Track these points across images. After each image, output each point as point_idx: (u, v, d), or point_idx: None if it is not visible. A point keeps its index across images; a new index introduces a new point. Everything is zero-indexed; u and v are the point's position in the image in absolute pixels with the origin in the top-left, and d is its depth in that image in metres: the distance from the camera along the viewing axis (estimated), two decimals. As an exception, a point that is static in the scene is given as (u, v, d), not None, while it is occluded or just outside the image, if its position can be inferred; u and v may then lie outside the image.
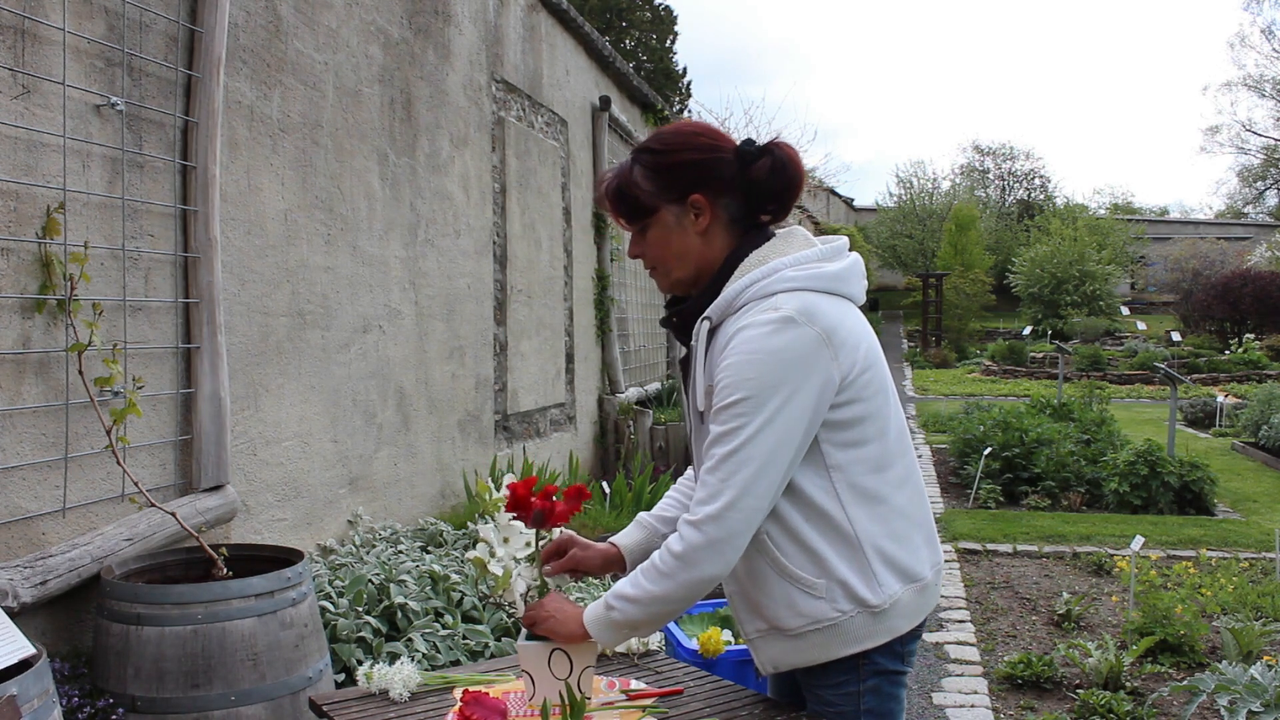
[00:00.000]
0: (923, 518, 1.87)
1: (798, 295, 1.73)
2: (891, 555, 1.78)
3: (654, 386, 9.31)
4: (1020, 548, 6.66)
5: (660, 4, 27.47)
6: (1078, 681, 4.27)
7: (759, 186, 1.82)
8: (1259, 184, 40.52)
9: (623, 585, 1.78)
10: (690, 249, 1.84)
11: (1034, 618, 5.23)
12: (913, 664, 1.89)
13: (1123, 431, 9.85)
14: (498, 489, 2.06)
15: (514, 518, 1.96)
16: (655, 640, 2.33)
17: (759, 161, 1.81)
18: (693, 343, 1.81)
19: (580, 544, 2.00)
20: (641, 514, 2.11)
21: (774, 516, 1.76)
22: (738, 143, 1.84)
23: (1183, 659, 4.45)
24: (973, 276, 26.22)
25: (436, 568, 3.74)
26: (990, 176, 37.11)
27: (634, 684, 2.11)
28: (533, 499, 1.91)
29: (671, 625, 3.46)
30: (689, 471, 2.14)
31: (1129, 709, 3.84)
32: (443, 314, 5.18)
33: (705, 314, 1.79)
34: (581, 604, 1.88)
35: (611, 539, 2.05)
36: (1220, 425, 12.64)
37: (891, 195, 34.17)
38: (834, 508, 1.75)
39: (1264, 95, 38.00)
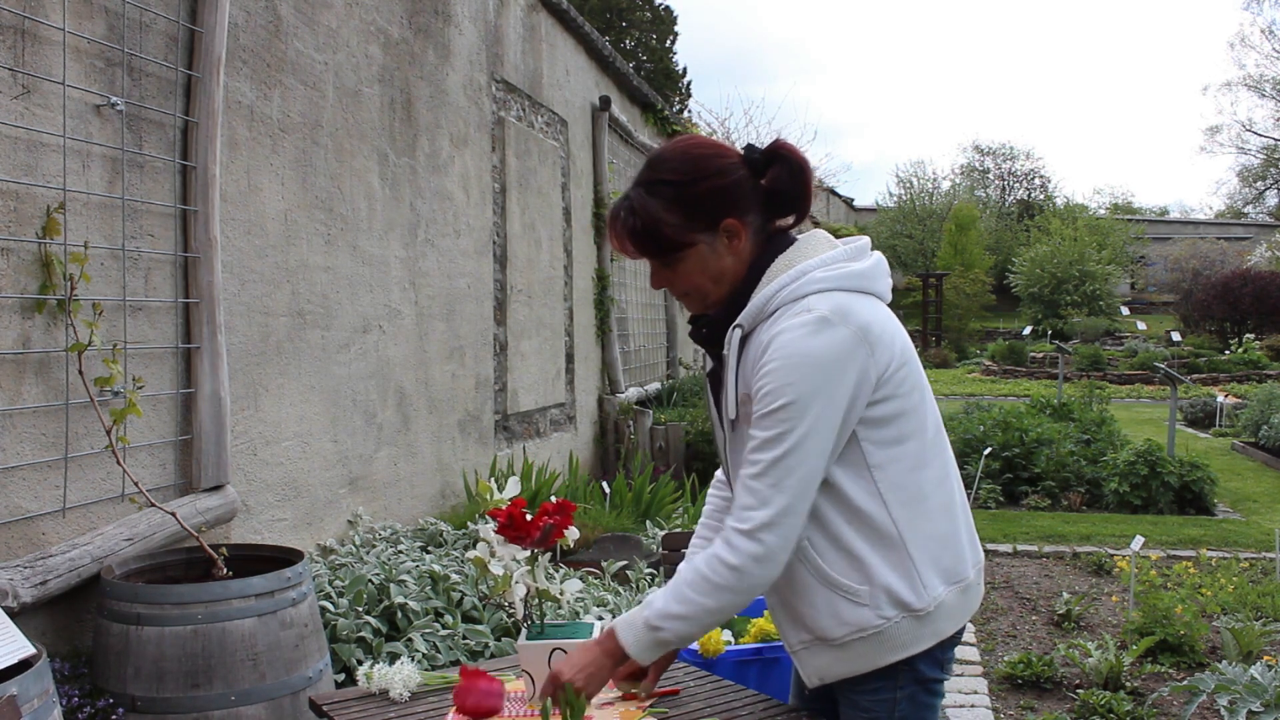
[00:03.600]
0: (964, 515, 1.84)
1: (829, 295, 1.72)
2: (935, 555, 1.75)
3: (654, 386, 9.31)
4: (1020, 548, 6.66)
5: (660, 4, 27.47)
6: (1078, 681, 4.27)
7: (779, 195, 1.80)
8: (1259, 184, 40.51)
9: (667, 603, 1.72)
10: (726, 270, 1.80)
11: (1034, 618, 5.23)
12: (950, 672, 1.87)
13: (1123, 431, 9.85)
14: (499, 489, 2.06)
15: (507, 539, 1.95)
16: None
17: (772, 170, 1.79)
18: (724, 351, 1.78)
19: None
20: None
21: (815, 521, 1.74)
22: (740, 150, 1.81)
23: (1183, 659, 4.44)
24: (973, 276, 26.22)
25: (436, 568, 3.74)
26: (990, 176, 37.12)
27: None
28: (526, 521, 1.90)
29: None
30: (711, 496, 2.10)
31: (1129, 709, 3.84)
32: (443, 314, 5.18)
33: (737, 322, 1.77)
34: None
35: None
36: (1220, 425, 12.63)
37: (891, 195, 34.20)
38: (877, 509, 1.73)
39: (1264, 95, 37.99)
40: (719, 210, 1.77)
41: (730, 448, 1.84)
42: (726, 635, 3.29)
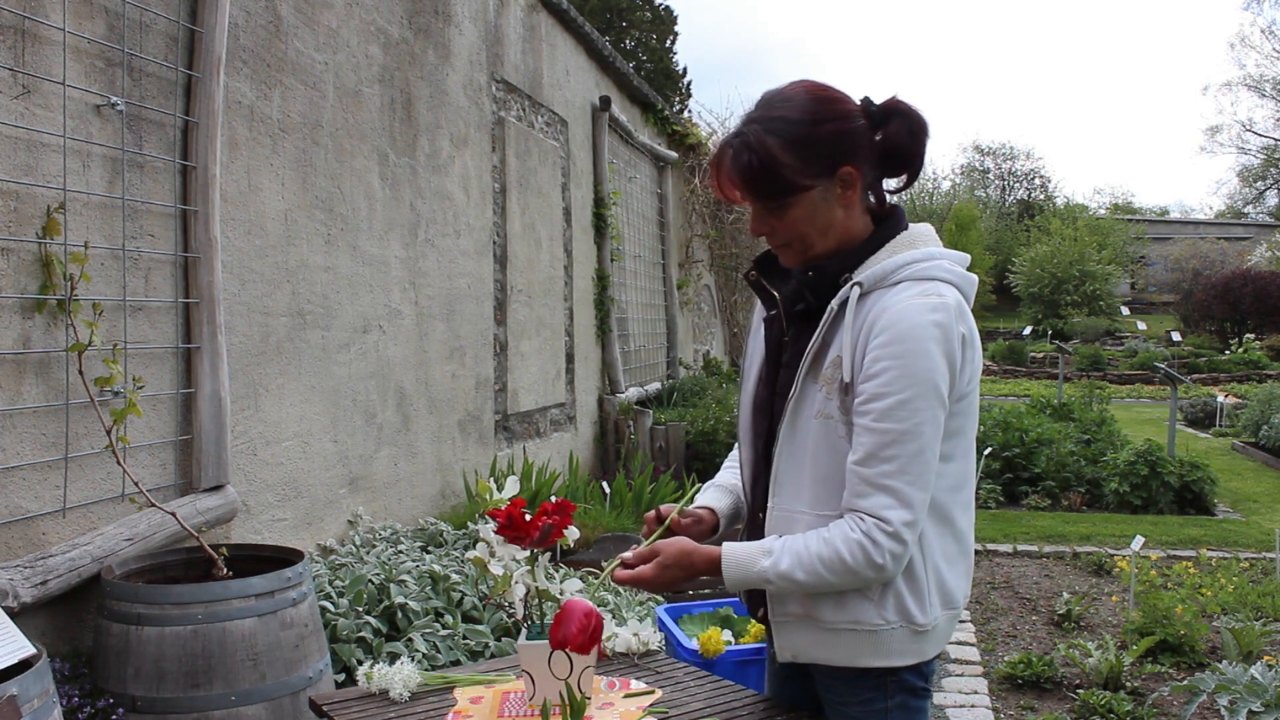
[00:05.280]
0: (971, 547, 1.82)
1: (954, 290, 1.69)
2: (943, 578, 1.74)
3: (654, 386, 9.30)
4: (1020, 548, 6.66)
5: (660, 4, 27.46)
6: (1078, 681, 4.27)
7: (895, 151, 1.73)
8: (1259, 184, 40.52)
9: (793, 569, 1.66)
10: (835, 222, 1.73)
11: (1034, 618, 5.23)
12: (934, 681, 1.87)
13: (1123, 431, 9.86)
14: (499, 489, 2.06)
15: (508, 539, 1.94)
16: (655, 640, 2.33)
17: (892, 124, 1.72)
18: (833, 304, 1.71)
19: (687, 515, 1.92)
20: (725, 478, 2.04)
21: None
22: (857, 101, 1.74)
23: (1183, 659, 4.45)
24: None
25: (436, 568, 3.74)
26: (990, 176, 37.18)
27: (634, 684, 2.11)
28: (526, 521, 1.90)
29: (671, 625, 3.47)
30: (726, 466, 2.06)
31: (1129, 709, 3.84)
32: (443, 314, 5.18)
33: (856, 279, 1.70)
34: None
35: (705, 504, 1.98)
36: (1220, 425, 12.64)
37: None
38: None
39: (1264, 95, 38.00)
40: (838, 156, 1.70)
41: (793, 407, 1.75)
42: (726, 635, 3.30)
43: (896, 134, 1.72)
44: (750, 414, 1.89)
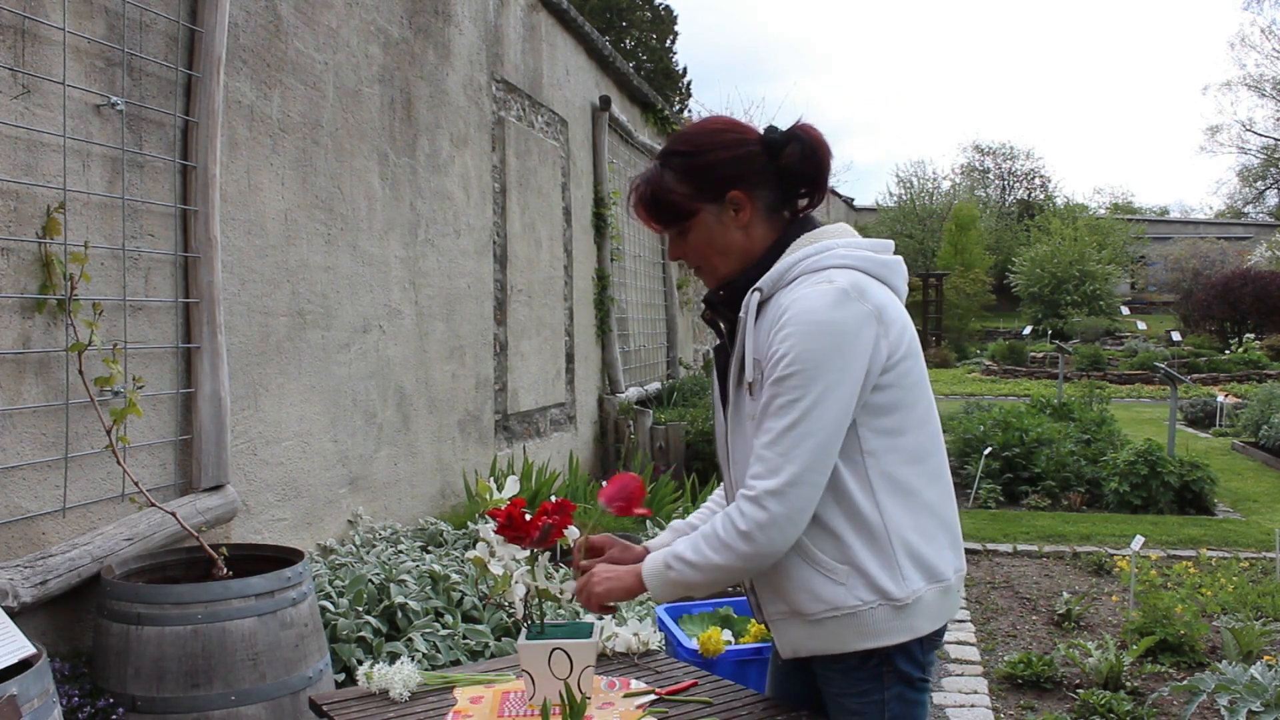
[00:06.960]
0: (950, 518, 1.85)
1: (850, 272, 1.75)
2: (917, 550, 1.76)
3: (654, 386, 9.30)
4: (1020, 547, 6.66)
5: (660, 4, 27.46)
6: (1078, 681, 4.27)
7: (791, 173, 1.84)
8: (1259, 184, 40.50)
9: (684, 547, 1.77)
10: (733, 244, 1.85)
11: (1034, 617, 5.23)
12: (933, 674, 1.88)
13: (1123, 431, 9.85)
14: (499, 489, 2.06)
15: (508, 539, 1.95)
16: (655, 640, 2.33)
17: (787, 149, 1.82)
18: (741, 314, 1.80)
19: (620, 545, 1.99)
20: (676, 521, 2.10)
21: None
22: (761, 131, 1.86)
23: (1183, 659, 4.45)
24: (973, 276, 26.22)
25: (436, 568, 3.74)
26: (990, 176, 37.17)
27: (634, 684, 2.11)
28: (525, 520, 1.90)
29: (671, 625, 3.47)
30: (718, 495, 2.11)
31: (1129, 709, 3.84)
32: (443, 314, 5.18)
33: (756, 285, 1.79)
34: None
35: (646, 543, 2.04)
36: (1220, 425, 12.63)
37: (892, 195, 34.22)
38: (863, 494, 1.74)
39: (1264, 95, 37.96)
40: (725, 181, 1.82)
41: (733, 416, 1.85)
42: (726, 635, 3.30)
43: (790, 158, 1.83)
44: (720, 435, 1.96)
